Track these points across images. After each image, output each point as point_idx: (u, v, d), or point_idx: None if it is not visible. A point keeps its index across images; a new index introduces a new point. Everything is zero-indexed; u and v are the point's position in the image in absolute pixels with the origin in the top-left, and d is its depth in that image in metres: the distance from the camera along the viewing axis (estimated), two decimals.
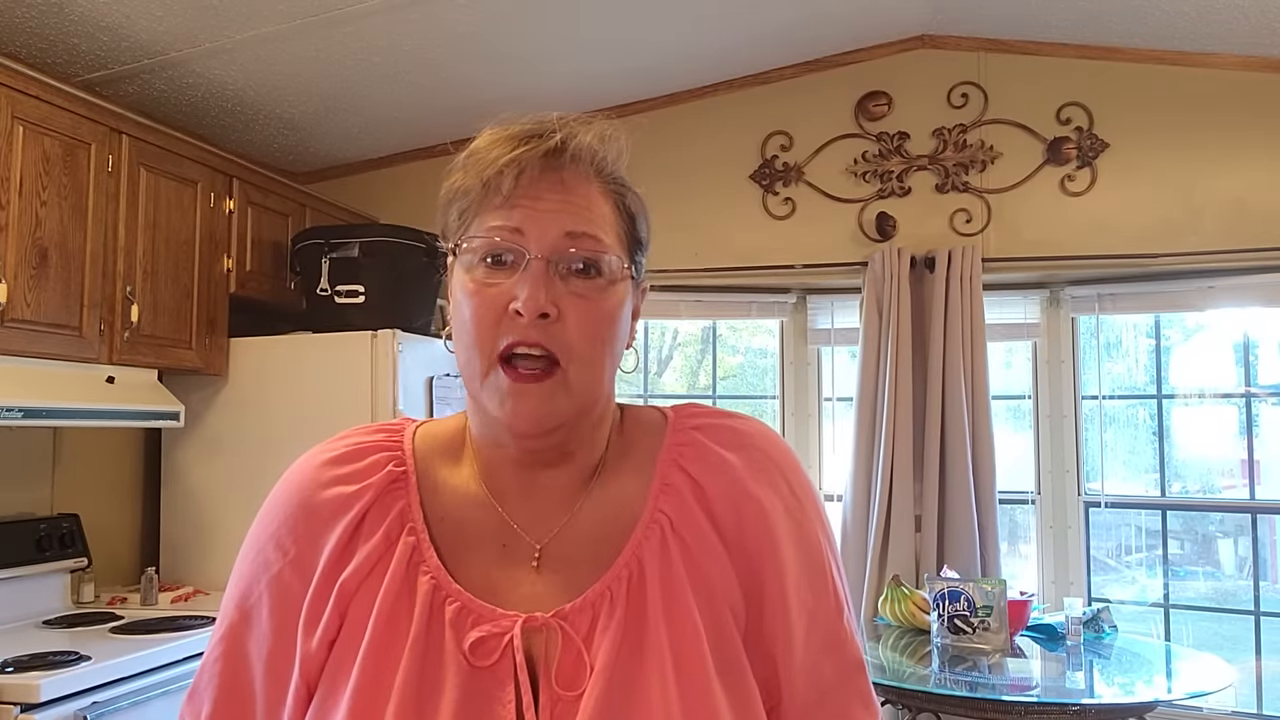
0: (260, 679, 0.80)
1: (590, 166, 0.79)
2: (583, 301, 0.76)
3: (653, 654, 0.74)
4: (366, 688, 0.74)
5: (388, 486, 0.81)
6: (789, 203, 3.72)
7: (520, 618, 0.75)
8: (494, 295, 0.75)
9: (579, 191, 0.78)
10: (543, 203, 0.76)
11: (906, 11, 3.44)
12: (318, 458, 0.84)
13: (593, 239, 0.77)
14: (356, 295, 3.16)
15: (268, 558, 0.81)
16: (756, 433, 0.85)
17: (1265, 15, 3.00)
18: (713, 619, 0.76)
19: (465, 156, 0.79)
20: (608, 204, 0.80)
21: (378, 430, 0.86)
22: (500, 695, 0.73)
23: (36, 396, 2.38)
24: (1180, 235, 3.34)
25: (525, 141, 0.77)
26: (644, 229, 0.84)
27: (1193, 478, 3.64)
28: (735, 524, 0.79)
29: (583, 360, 0.76)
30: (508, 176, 0.76)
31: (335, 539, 0.79)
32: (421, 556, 0.78)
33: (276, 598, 0.80)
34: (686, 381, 4.57)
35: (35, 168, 2.40)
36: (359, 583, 0.78)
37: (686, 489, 0.80)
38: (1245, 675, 3.31)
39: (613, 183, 0.81)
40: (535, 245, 0.75)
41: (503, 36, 3.12)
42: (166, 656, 2.33)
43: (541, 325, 0.74)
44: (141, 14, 2.69)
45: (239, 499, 3.08)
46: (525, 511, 0.81)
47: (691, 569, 0.77)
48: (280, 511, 0.82)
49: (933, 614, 2.88)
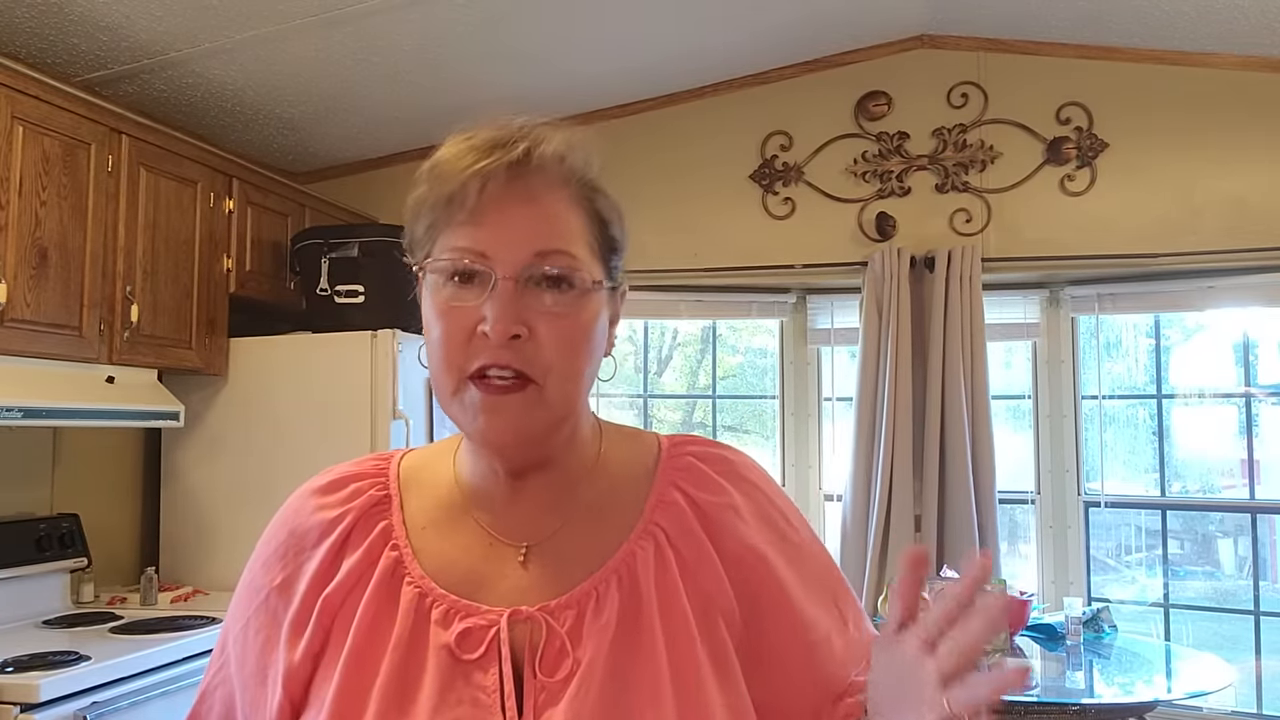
0: (239, 698, 0.82)
1: (558, 173, 0.76)
2: (555, 318, 0.74)
3: (646, 652, 0.75)
4: (348, 688, 0.75)
5: (370, 509, 0.83)
6: (789, 203, 3.72)
7: (506, 611, 0.76)
8: (462, 316, 0.74)
9: (546, 202, 0.76)
10: (509, 217, 0.74)
11: (906, 11, 3.44)
12: (306, 489, 0.86)
13: (563, 254, 0.75)
14: (356, 295, 3.16)
15: (258, 585, 0.83)
16: (747, 464, 0.87)
17: (1265, 15, 3.00)
18: (707, 627, 0.78)
19: (429, 167, 0.77)
20: (578, 211, 0.77)
21: (366, 460, 0.88)
22: (484, 683, 0.74)
23: (36, 396, 2.38)
24: (1180, 235, 3.34)
25: (489, 152, 0.74)
26: (619, 232, 0.81)
27: (1193, 478, 3.64)
28: (733, 545, 0.81)
29: (559, 376, 0.75)
30: (472, 190, 0.73)
31: (319, 559, 0.81)
32: (405, 569, 0.80)
33: (265, 620, 0.82)
34: (686, 381, 4.57)
35: (35, 168, 2.40)
36: (343, 597, 0.79)
37: (685, 506, 0.82)
38: (1245, 675, 3.31)
39: (582, 188, 0.78)
40: (502, 265, 0.73)
41: (502, 36, 3.12)
42: (166, 656, 2.32)
43: (513, 345, 0.73)
44: (141, 14, 2.68)
45: (239, 499, 3.09)
46: (510, 516, 0.82)
47: (687, 579, 0.79)
48: (271, 541, 0.85)
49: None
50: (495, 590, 0.79)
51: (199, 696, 0.87)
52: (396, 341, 3.03)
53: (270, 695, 0.79)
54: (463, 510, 0.83)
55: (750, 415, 4.23)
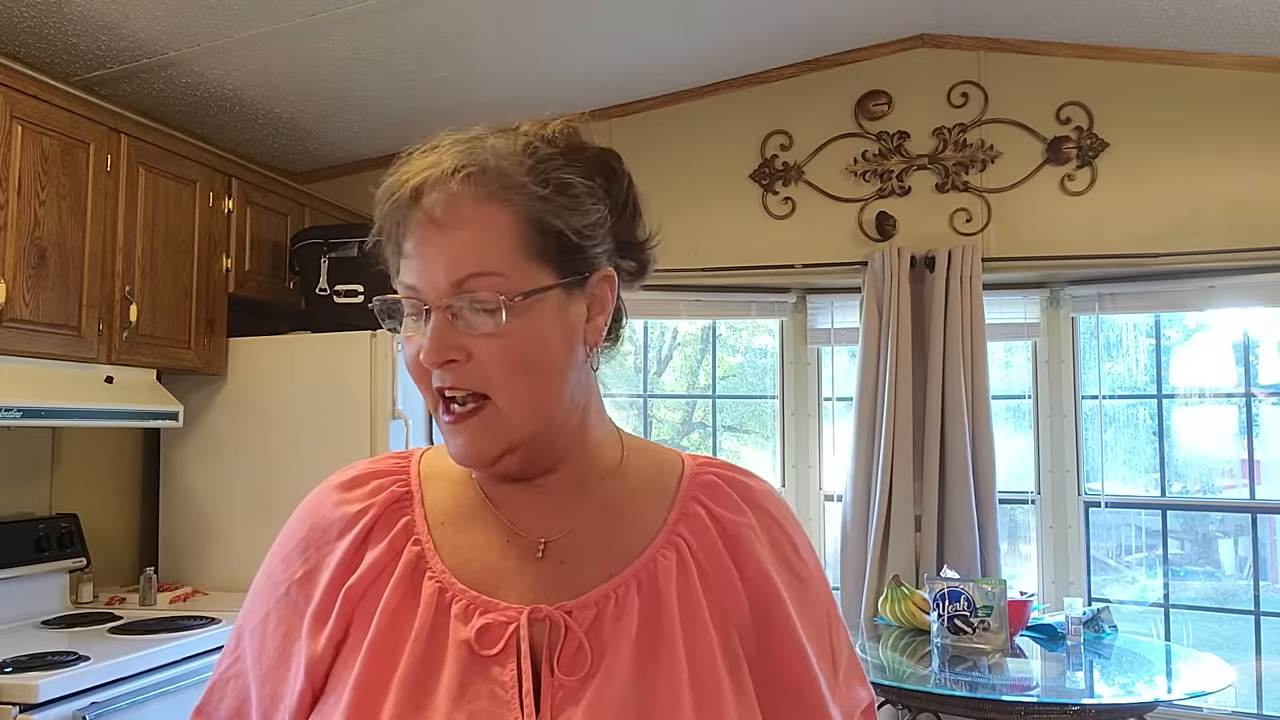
0: (256, 692, 0.82)
1: (469, 190, 0.75)
2: (488, 340, 0.75)
3: (666, 659, 0.76)
4: (368, 678, 0.76)
5: (392, 504, 0.84)
6: (789, 202, 3.72)
7: (525, 608, 0.77)
8: (415, 345, 0.78)
9: (460, 225, 0.75)
10: (429, 249, 0.76)
11: (906, 11, 3.44)
12: (327, 485, 0.87)
13: (482, 276, 0.74)
14: (355, 295, 3.16)
15: (278, 579, 0.84)
16: (765, 491, 0.89)
17: (1265, 15, 3.00)
18: (726, 641, 0.79)
19: (376, 204, 0.81)
20: (505, 220, 0.75)
21: (386, 458, 0.90)
22: (501, 678, 0.75)
23: (35, 396, 2.38)
24: (1180, 235, 3.33)
25: (403, 185, 0.78)
26: (566, 221, 0.77)
27: (1193, 478, 3.64)
28: (752, 567, 0.82)
29: (508, 394, 0.76)
30: (392, 228, 0.78)
31: (342, 551, 0.82)
32: (427, 563, 0.81)
33: (286, 612, 0.82)
34: (686, 381, 4.57)
35: (34, 167, 2.40)
36: (365, 588, 0.80)
37: (708, 521, 0.83)
38: (1245, 675, 3.31)
39: (504, 193, 0.75)
40: (429, 297, 0.76)
41: (501, 36, 3.12)
42: (165, 657, 2.32)
43: (454, 369, 0.76)
44: (140, 13, 2.68)
45: (238, 499, 3.08)
46: (526, 513, 0.83)
47: (708, 592, 0.80)
48: (291, 536, 0.86)
49: (933, 614, 2.88)
50: (513, 586, 0.80)
51: (208, 689, 0.87)
52: (396, 341, 3.03)
53: (292, 683, 0.79)
54: (481, 506, 0.84)
55: (750, 415, 4.22)
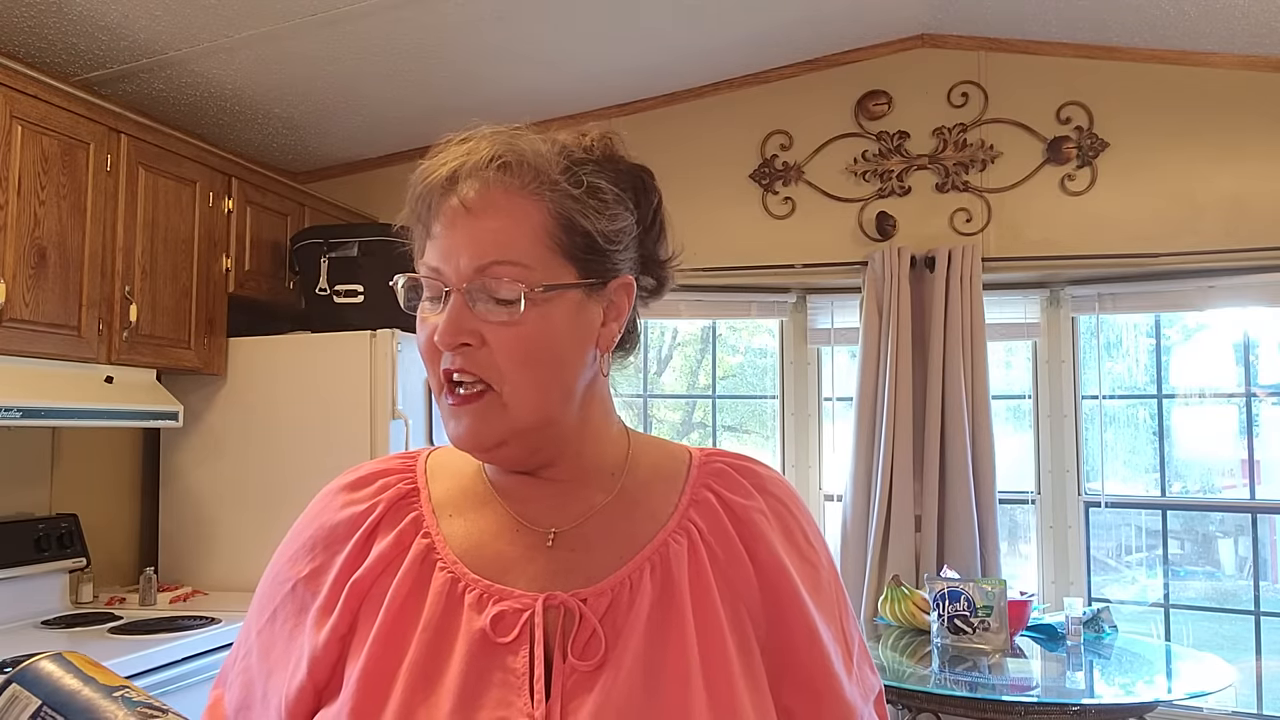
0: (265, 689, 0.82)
1: (503, 181, 0.77)
2: (503, 328, 0.76)
3: (677, 643, 0.76)
4: (375, 667, 0.76)
5: (398, 501, 0.85)
6: (789, 202, 3.72)
7: (541, 596, 0.78)
8: (429, 326, 0.79)
9: (492, 212, 0.77)
10: (456, 232, 0.77)
11: (906, 11, 3.44)
12: (333, 486, 0.88)
13: (506, 265, 0.76)
14: (355, 295, 3.16)
15: (284, 578, 0.84)
16: (775, 479, 0.89)
17: (1265, 15, 3.00)
18: (737, 625, 0.79)
19: (410, 186, 0.82)
20: (536, 215, 0.77)
21: (393, 458, 0.90)
22: (513, 665, 0.75)
23: (35, 396, 2.38)
24: (1180, 235, 3.34)
25: (442, 168, 0.79)
26: (594, 223, 0.79)
27: (1193, 478, 3.64)
28: (764, 552, 0.82)
29: (514, 384, 0.77)
30: (423, 210, 0.79)
31: (349, 548, 0.82)
32: (437, 554, 0.81)
33: (293, 609, 0.82)
34: (686, 381, 4.56)
35: (34, 167, 2.40)
36: (371, 581, 0.80)
37: (719, 506, 0.84)
38: (1245, 675, 3.31)
39: (539, 189, 0.77)
40: (451, 279, 0.77)
41: (502, 36, 3.12)
42: (165, 657, 2.32)
43: (466, 353, 0.77)
44: (140, 13, 2.68)
45: (238, 499, 3.08)
46: (535, 503, 0.84)
47: (719, 576, 0.80)
48: (298, 536, 0.86)
49: (933, 614, 2.87)
50: (524, 574, 0.80)
51: (215, 683, 0.88)
52: (396, 341, 3.03)
53: (292, 677, 0.79)
54: (489, 497, 0.85)
55: (750, 415, 4.22)
